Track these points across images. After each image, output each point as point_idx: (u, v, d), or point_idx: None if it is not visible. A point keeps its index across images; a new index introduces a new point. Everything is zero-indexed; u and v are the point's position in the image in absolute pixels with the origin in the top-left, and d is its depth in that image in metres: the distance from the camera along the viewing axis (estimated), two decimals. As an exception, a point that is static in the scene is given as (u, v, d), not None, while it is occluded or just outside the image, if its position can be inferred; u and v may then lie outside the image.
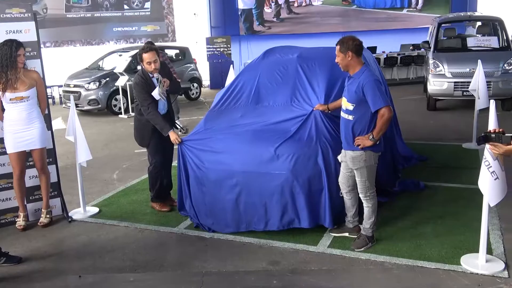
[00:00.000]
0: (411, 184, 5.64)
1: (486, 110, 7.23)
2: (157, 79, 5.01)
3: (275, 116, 4.86)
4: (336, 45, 4.06)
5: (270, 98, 5.16)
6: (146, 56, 4.93)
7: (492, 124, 3.64)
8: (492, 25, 11.59)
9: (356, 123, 4.00)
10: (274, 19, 19.45)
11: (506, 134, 3.00)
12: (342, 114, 4.13)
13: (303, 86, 5.05)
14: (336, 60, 4.07)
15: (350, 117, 4.02)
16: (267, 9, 19.40)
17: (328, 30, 19.11)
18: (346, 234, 4.43)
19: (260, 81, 5.34)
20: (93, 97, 11.94)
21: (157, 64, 4.95)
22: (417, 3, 20.33)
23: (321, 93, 4.87)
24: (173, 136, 4.89)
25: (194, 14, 18.29)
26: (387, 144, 5.25)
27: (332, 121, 4.61)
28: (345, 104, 4.06)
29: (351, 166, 4.12)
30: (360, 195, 4.20)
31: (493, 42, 10.75)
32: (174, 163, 5.27)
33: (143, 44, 5.46)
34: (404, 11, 20.52)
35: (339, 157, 4.28)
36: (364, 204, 4.21)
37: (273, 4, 19.24)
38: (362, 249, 4.19)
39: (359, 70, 3.99)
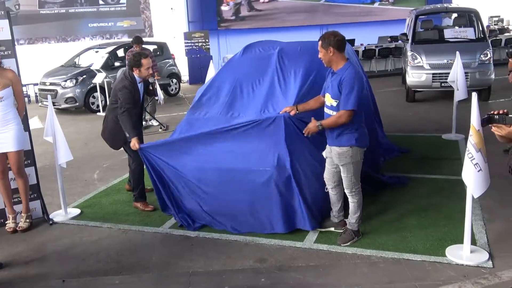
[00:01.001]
0: (396, 178, 5.66)
1: (464, 101, 7.39)
2: (152, 83, 5.36)
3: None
4: (318, 40, 4.02)
5: (241, 108, 5.03)
6: (146, 62, 5.01)
7: (474, 116, 3.67)
8: (468, 17, 11.75)
9: None
10: (233, 18, 18.71)
11: (510, 115, 3.01)
12: (326, 110, 4.11)
13: (276, 94, 4.94)
14: (319, 56, 4.04)
15: (334, 113, 4.00)
16: (224, 7, 18.67)
17: (300, 23, 18.94)
18: (332, 229, 4.43)
19: (234, 89, 5.23)
20: (70, 95, 11.71)
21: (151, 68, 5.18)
22: None
23: (292, 99, 4.72)
24: (133, 142, 4.88)
25: (171, 8, 18.10)
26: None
27: (300, 124, 4.48)
28: (329, 100, 4.04)
29: (337, 162, 4.11)
30: (346, 191, 4.21)
31: (469, 33, 10.90)
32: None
33: (120, 40, 5.47)
34: (376, 4, 20.41)
35: (324, 153, 4.27)
36: (350, 200, 4.22)
37: (231, 2, 18.48)
38: (348, 243, 4.20)
39: (342, 66, 3.94)
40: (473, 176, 3.64)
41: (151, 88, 5.54)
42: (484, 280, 3.54)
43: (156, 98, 7.82)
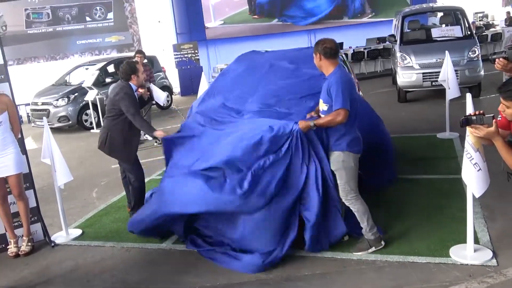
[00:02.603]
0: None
1: (456, 98, 7.46)
2: (148, 87, 5.46)
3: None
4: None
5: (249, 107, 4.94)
6: (140, 67, 5.20)
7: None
8: (454, 15, 11.87)
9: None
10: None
11: (486, 115, 3.04)
12: (321, 116, 4.16)
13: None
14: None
15: None
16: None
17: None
18: (373, 249, 4.16)
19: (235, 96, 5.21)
20: (62, 113, 11.70)
21: None
22: (363, 11, 19.87)
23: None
24: (159, 133, 4.98)
25: (159, 21, 18.15)
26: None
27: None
28: (321, 105, 4.10)
29: (331, 167, 4.11)
30: (342, 199, 4.14)
31: (456, 31, 11.01)
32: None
33: (109, 56, 5.59)
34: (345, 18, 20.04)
35: None
36: (352, 209, 4.14)
37: None
38: (360, 253, 4.11)
39: (331, 72, 4.02)
40: (473, 176, 3.67)
41: (147, 93, 5.54)
42: (489, 278, 3.57)
43: (153, 102, 7.51)
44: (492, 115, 3.06)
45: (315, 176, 4.10)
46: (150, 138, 9.72)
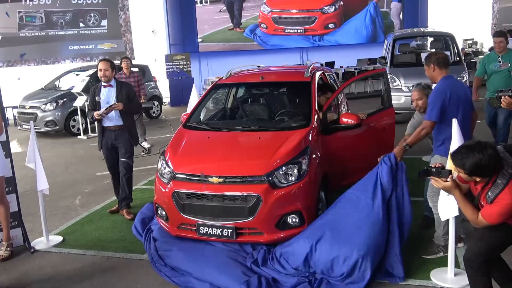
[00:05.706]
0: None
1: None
2: (109, 104, 5.59)
3: None
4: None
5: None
6: (99, 65, 5.60)
7: (455, 141, 3.77)
8: (444, 41, 12.07)
9: (433, 130, 4.26)
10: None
11: (444, 170, 3.17)
12: None
13: None
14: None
15: None
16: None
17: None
18: (441, 254, 4.36)
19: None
20: (50, 118, 11.61)
21: (107, 73, 5.58)
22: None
23: None
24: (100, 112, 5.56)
25: (153, 31, 18.19)
26: None
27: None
28: None
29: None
30: (428, 199, 4.47)
31: (445, 57, 11.17)
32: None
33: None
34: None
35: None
36: (434, 211, 4.40)
37: None
38: (429, 256, 4.31)
39: (439, 81, 4.36)
40: (445, 199, 3.74)
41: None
42: (468, 303, 3.59)
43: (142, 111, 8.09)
44: (449, 170, 3.19)
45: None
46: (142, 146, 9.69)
